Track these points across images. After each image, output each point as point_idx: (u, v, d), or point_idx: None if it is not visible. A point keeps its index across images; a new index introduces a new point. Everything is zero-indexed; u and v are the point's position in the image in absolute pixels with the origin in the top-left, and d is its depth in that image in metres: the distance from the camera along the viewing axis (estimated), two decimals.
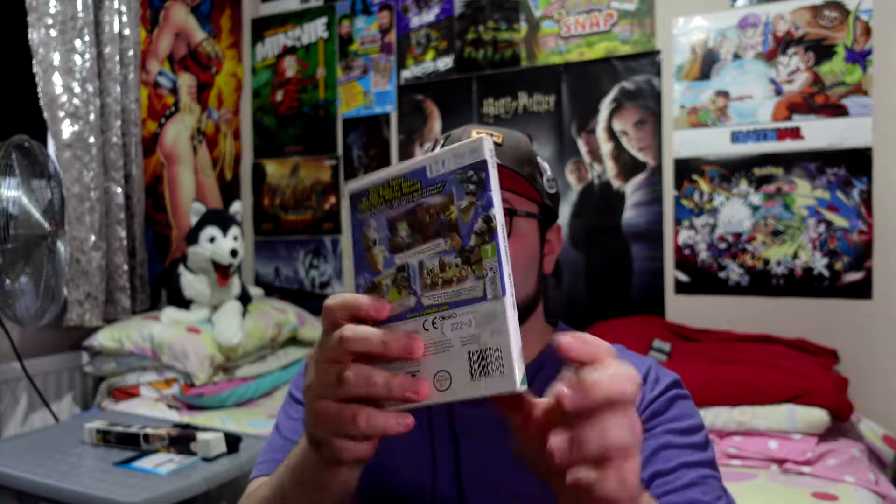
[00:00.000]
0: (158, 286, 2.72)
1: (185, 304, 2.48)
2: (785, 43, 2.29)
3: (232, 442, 1.59)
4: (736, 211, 2.37)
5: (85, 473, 1.47)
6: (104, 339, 2.31)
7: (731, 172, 2.37)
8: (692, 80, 2.43)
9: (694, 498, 0.67)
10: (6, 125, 2.27)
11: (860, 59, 2.19)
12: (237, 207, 2.60)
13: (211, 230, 2.41)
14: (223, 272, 2.42)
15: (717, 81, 2.39)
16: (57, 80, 2.27)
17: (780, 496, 1.60)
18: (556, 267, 2.65)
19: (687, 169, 2.44)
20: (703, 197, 2.42)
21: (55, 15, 2.26)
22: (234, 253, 2.39)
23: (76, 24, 2.33)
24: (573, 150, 2.63)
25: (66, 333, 2.40)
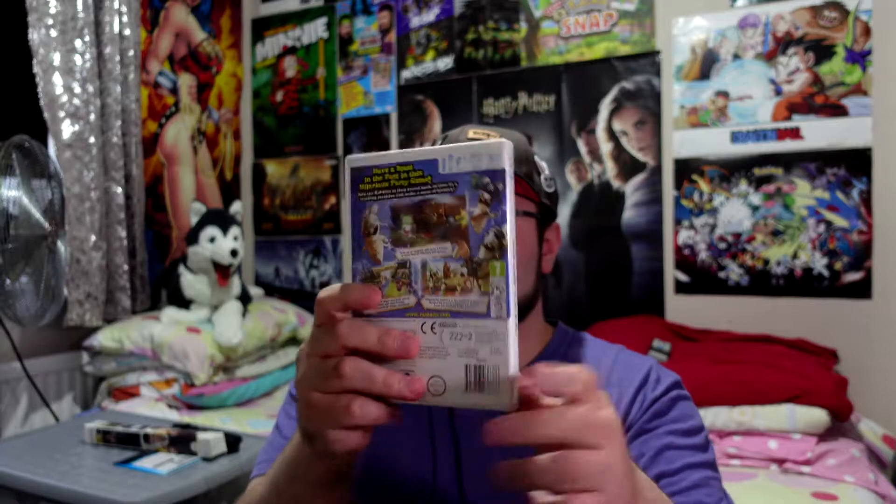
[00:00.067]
0: (158, 286, 2.72)
1: (185, 304, 2.48)
2: (785, 43, 2.29)
3: (232, 442, 1.60)
4: (736, 211, 2.37)
5: (85, 473, 1.47)
6: (104, 339, 2.32)
7: (730, 172, 2.37)
8: (692, 80, 2.43)
9: (699, 500, 0.68)
10: (6, 125, 2.27)
11: (860, 59, 2.19)
12: (237, 207, 2.60)
13: (211, 230, 2.41)
14: (223, 272, 2.42)
15: (716, 81, 2.39)
16: (57, 80, 2.27)
17: (779, 496, 1.60)
18: (556, 267, 2.65)
19: (687, 169, 2.44)
20: (702, 197, 2.42)
21: (55, 15, 2.26)
22: (234, 253, 2.39)
23: (76, 24, 2.33)
24: (573, 150, 2.63)
25: (66, 333, 2.40)
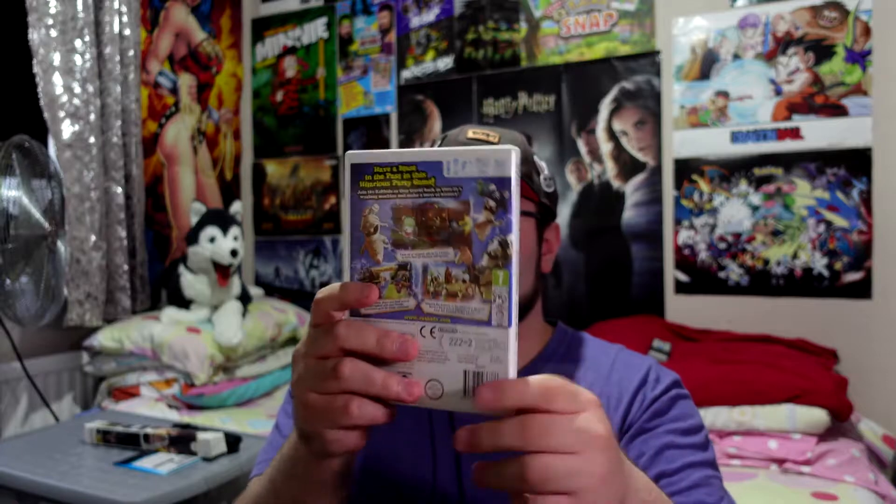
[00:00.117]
0: (158, 286, 2.72)
1: (185, 304, 2.48)
2: (785, 43, 2.29)
3: (232, 442, 1.60)
4: (736, 211, 2.37)
5: (85, 473, 1.47)
6: (104, 339, 2.32)
7: (730, 172, 2.37)
8: (692, 80, 2.43)
9: (700, 499, 0.68)
10: (6, 125, 2.27)
11: (860, 59, 2.19)
12: (237, 207, 2.60)
13: (211, 230, 2.41)
14: (223, 272, 2.42)
15: (716, 81, 2.39)
16: (57, 80, 2.27)
17: (779, 496, 1.60)
18: (556, 267, 2.65)
19: (687, 169, 2.44)
20: (702, 197, 2.42)
21: (55, 15, 2.26)
22: (234, 253, 2.39)
23: (76, 24, 2.33)
24: (573, 150, 2.63)
25: (66, 333, 2.40)
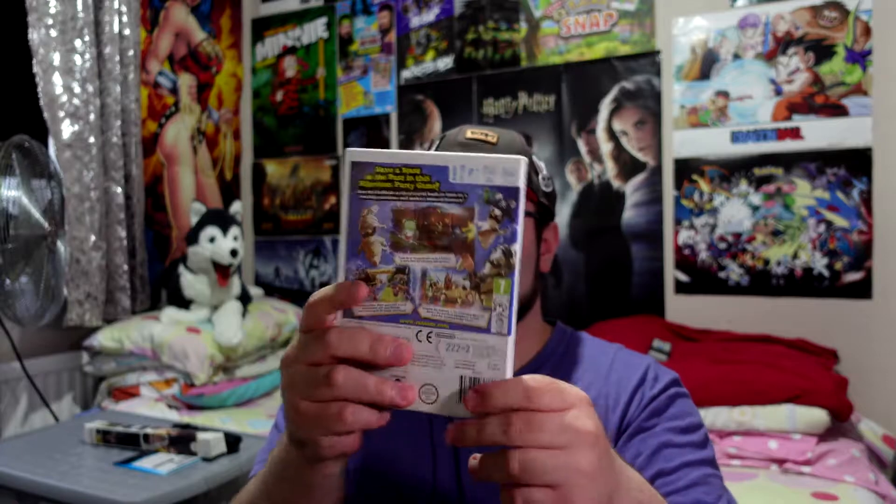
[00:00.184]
0: (158, 286, 2.72)
1: (185, 304, 2.48)
2: (785, 43, 2.29)
3: (232, 442, 1.60)
4: (736, 211, 2.37)
5: (85, 473, 1.47)
6: (104, 339, 2.32)
7: (731, 172, 2.37)
8: (692, 80, 2.42)
9: (697, 498, 0.67)
10: (6, 125, 2.27)
11: (860, 59, 2.19)
12: (237, 207, 2.60)
13: (211, 230, 2.41)
14: (223, 272, 2.42)
15: (717, 81, 2.39)
16: (57, 80, 2.27)
17: (780, 496, 1.60)
18: (556, 267, 2.65)
19: (687, 169, 2.44)
20: (703, 197, 2.42)
21: (55, 15, 2.26)
22: (234, 253, 2.39)
23: (76, 24, 2.33)
24: (573, 150, 2.63)
25: (66, 333, 2.40)
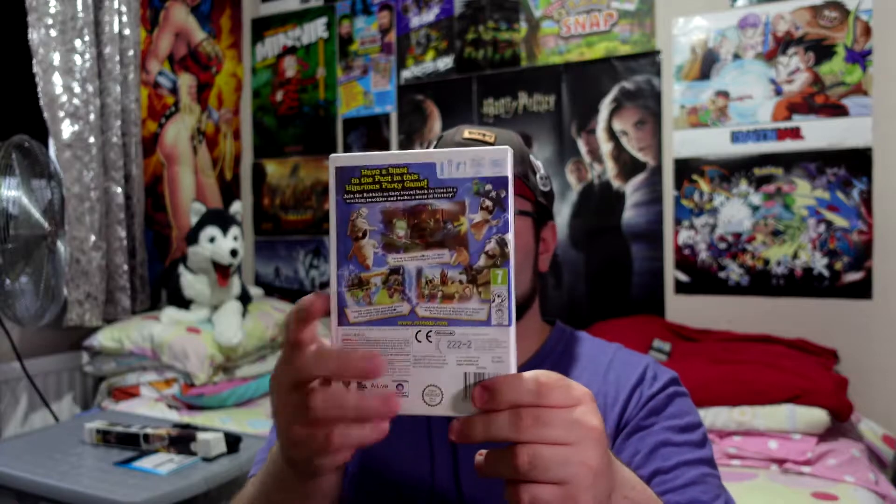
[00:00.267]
0: (158, 286, 2.72)
1: (185, 304, 2.48)
2: (785, 43, 2.29)
3: (232, 442, 1.59)
4: (736, 211, 2.37)
5: (85, 473, 1.47)
6: (104, 339, 2.32)
7: (731, 172, 2.37)
8: (692, 80, 2.42)
9: (694, 497, 0.67)
10: (6, 125, 2.28)
11: (860, 59, 2.19)
12: (237, 207, 2.60)
13: (211, 230, 2.41)
14: (223, 272, 2.42)
15: (717, 81, 2.39)
16: (57, 80, 2.27)
17: (780, 496, 1.60)
18: (556, 267, 2.65)
19: (687, 169, 2.44)
20: (703, 197, 2.42)
21: (55, 15, 2.26)
22: (234, 253, 2.39)
23: (76, 24, 2.33)
24: (573, 150, 2.63)
25: (66, 333, 2.40)
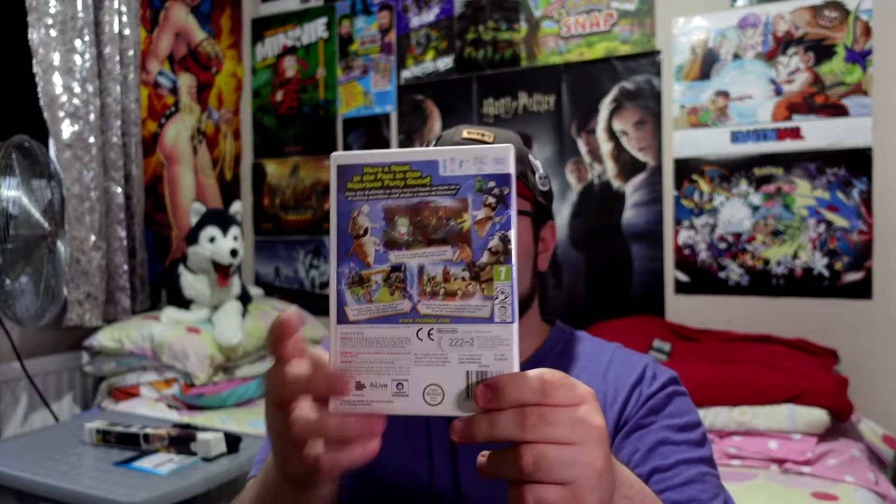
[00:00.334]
0: (158, 286, 2.72)
1: (185, 304, 2.48)
2: (785, 43, 2.29)
3: (232, 442, 1.59)
4: (736, 211, 2.37)
5: (85, 473, 1.47)
6: (104, 339, 2.32)
7: (731, 172, 2.37)
8: (692, 80, 2.42)
9: (692, 496, 0.67)
10: (6, 125, 2.28)
11: (860, 59, 2.19)
12: (237, 207, 2.60)
13: (211, 230, 2.41)
14: (223, 272, 2.42)
15: (717, 81, 2.39)
16: (57, 80, 2.27)
17: (780, 496, 1.60)
18: (556, 267, 2.65)
19: (687, 169, 2.44)
20: (703, 197, 2.42)
21: (55, 15, 2.26)
22: (234, 253, 2.39)
23: (76, 24, 2.33)
24: (573, 150, 2.63)
25: (66, 333, 2.40)
